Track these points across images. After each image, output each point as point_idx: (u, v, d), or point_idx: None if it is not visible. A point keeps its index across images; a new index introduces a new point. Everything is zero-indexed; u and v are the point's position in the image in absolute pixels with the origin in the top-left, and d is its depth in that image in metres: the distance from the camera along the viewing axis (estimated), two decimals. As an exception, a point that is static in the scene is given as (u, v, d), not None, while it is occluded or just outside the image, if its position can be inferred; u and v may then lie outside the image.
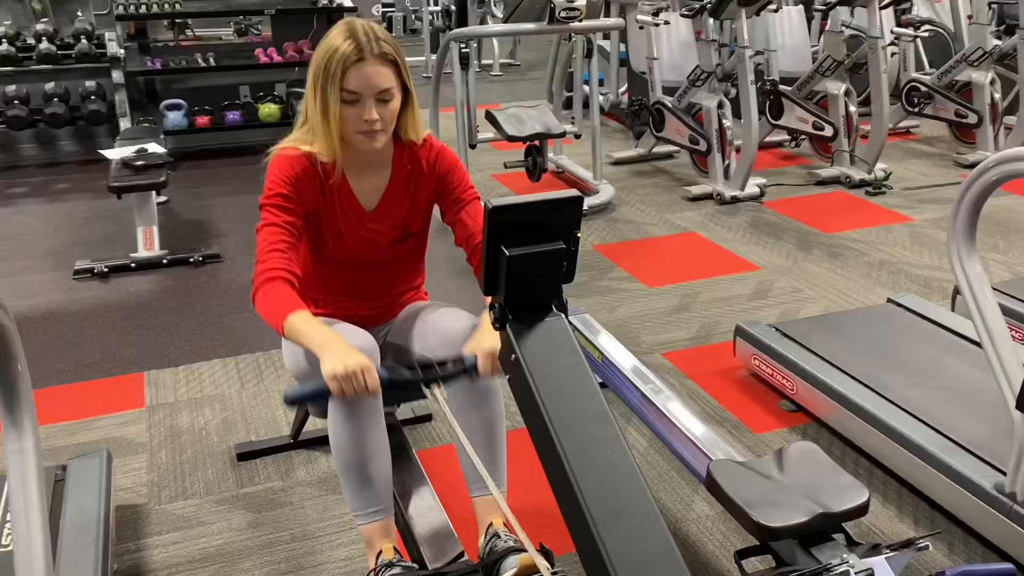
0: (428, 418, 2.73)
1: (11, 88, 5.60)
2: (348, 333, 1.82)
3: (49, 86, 5.67)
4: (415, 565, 1.84)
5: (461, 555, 1.87)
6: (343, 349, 1.65)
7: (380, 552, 1.83)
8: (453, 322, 1.92)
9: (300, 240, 1.88)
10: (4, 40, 5.73)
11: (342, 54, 1.74)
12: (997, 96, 5.49)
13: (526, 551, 1.67)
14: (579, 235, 1.46)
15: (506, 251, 1.39)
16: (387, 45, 1.79)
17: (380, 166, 1.93)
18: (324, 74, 1.77)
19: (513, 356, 1.45)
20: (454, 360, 1.72)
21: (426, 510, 2.05)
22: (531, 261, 1.41)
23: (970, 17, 5.64)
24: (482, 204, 1.46)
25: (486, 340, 1.69)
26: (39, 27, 5.93)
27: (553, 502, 1.41)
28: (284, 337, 1.76)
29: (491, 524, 1.86)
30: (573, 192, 1.43)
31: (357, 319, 2.01)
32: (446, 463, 2.16)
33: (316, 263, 1.99)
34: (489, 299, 1.48)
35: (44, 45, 5.72)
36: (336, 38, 1.77)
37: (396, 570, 1.78)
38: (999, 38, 5.46)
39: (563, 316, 1.50)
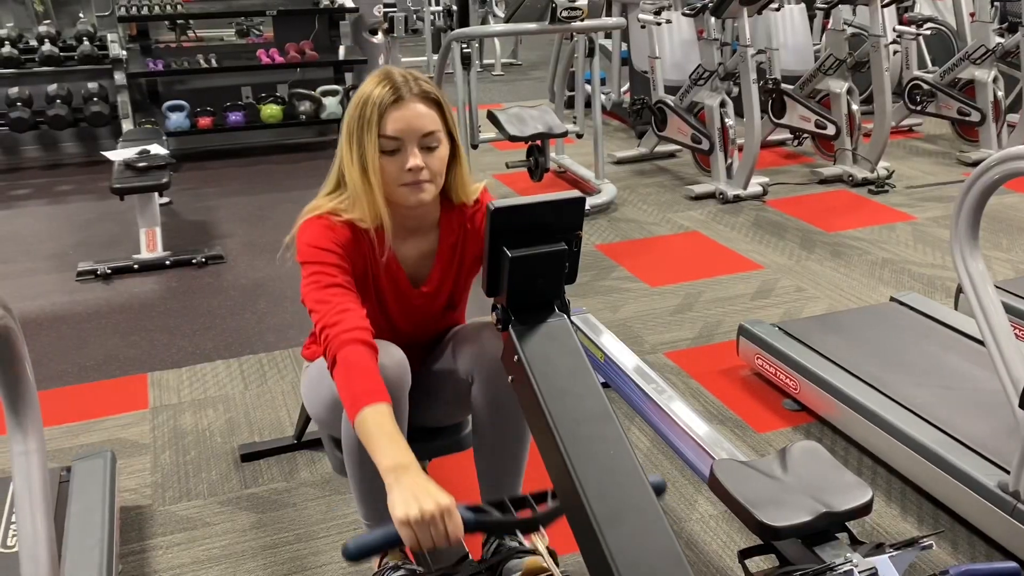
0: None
1: (14, 90, 5.61)
2: (381, 345, 1.64)
3: (51, 88, 5.68)
4: (420, 568, 1.84)
5: (465, 557, 1.87)
6: (418, 483, 1.35)
7: (385, 554, 1.84)
8: (479, 336, 1.77)
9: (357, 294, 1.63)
10: (6, 42, 5.74)
11: (377, 97, 1.58)
12: (1000, 94, 5.48)
13: (531, 553, 1.67)
14: (581, 235, 1.46)
15: (508, 252, 1.39)
16: (427, 85, 1.63)
17: (426, 231, 1.72)
18: (359, 124, 1.58)
19: (516, 357, 1.45)
20: (553, 493, 1.43)
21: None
22: (533, 262, 1.41)
23: (973, 15, 5.63)
24: (486, 205, 1.44)
25: None
26: (41, 29, 5.94)
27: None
28: (355, 429, 1.50)
29: None
30: (575, 193, 1.44)
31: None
32: (452, 465, 2.16)
33: None
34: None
35: (46, 47, 5.72)
36: (369, 85, 1.61)
37: (401, 572, 1.78)
38: (1002, 36, 5.46)
39: (565, 317, 1.50)
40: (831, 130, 5.19)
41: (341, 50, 6.35)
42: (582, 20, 4.56)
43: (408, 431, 1.62)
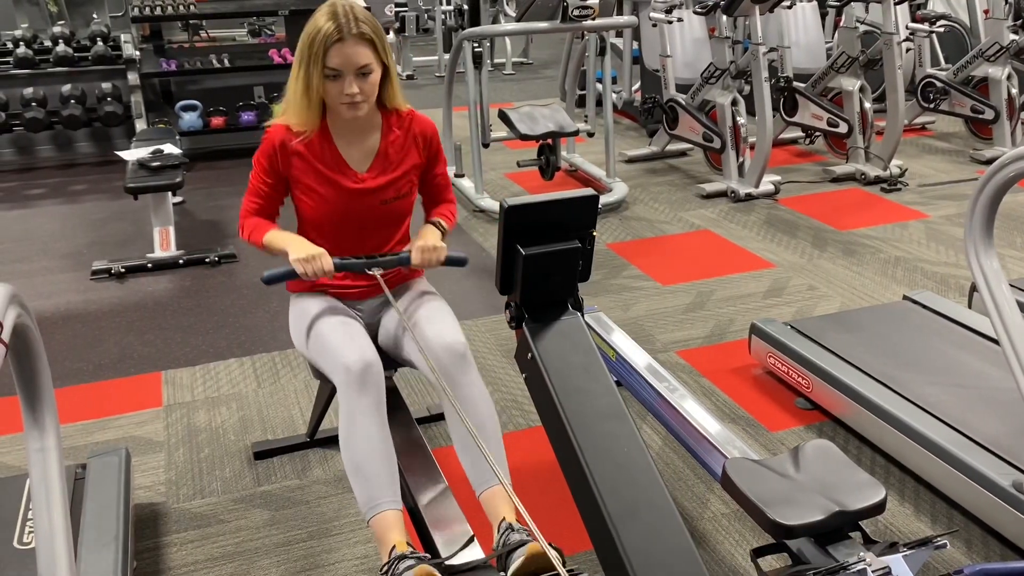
0: (442, 416, 2.73)
1: (28, 90, 5.65)
2: (352, 339, 2.01)
3: (66, 88, 5.72)
4: (427, 555, 1.85)
5: (472, 540, 1.88)
6: (305, 243, 2.02)
7: (393, 547, 1.84)
8: (439, 332, 2.02)
9: (276, 193, 2.14)
10: (21, 43, 5.79)
11: (324, 34, 1.92)
12: (1014, 91, 5.44)
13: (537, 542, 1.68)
14: (595, 233, 1.46)
15: (522, 250, 1.39)
16: (365, 25, 1.95)
17: (370, 131, 2.11)
18: (308, 53, 1.95)
19: (529, 354, 1.45)
20: (392, 253, 2.08)
21: (442, 508, 2.05)
22: (547, 260, 1.42)
23: (986, 11, 5.60)
24: (498, 205, 1.45)
25: (421, 239, 2.07)
26: (56, 30, 5.98)
27: (570, 499, 1.42)
28: (265, 251, 2.09)
29: (503, 519, 1.86)
30: (588, 191, 1.44)
31: (356, 290, 2.19)
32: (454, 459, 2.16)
33: (312, 227, 2.14)
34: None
35: (61, 48, 5.76)
36: (320, 19, 1.95)
37: (409, 561, 1.78)
38: (1016, 33, 5.42)
39: (579, 314, 1.50)
40: (843, 128, 5.17)
41: (353, 50, 6.35)
42: (593, 19, 4.56)
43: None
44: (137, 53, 5.90)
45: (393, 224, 2.19)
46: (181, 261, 4.09)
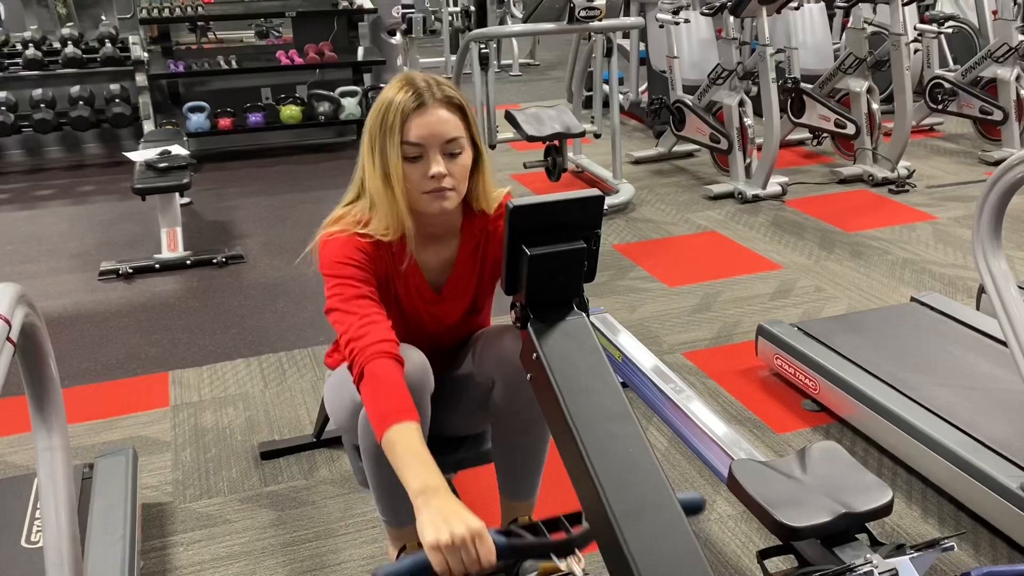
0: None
1: (37, 92, 5.68)
2: (403, 349, 1.62)
3: (74, 89, 5.74)
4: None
5: None
6: (448, 506, 1.31)
7: (403, 547, 1.85)
8: (501, 340, 1.75)
9: (378, 296, 1.64)
10: (30, 44, 5.81)
11: (399, 103, 1.55)
12: (1023, 92, 5.42)
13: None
14: (600, 234, 1.46)
15: (527, 251, 1.39)
16: (450, 90, 1.60)
17: (448, 238, 1.71)
18: (381, 130, 1.56)
19: (535, 355, 1.45)
20: (582, 531, 1.39)
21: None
22: (552, 260, 1.42)
23: (995, 12, 5.58)
24: (505, 203, 1.45)
25: None
26: (64, 31, 6.01)
27: (576, 500, 1.42)
28: (380, 440, 1.47)
29: (515, 520, 1.86)
30: (594, 191, 1.44)
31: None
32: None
33: None
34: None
35: (69, 49, 5.79)
36: (391, 90, 1.59)
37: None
38: (1024, 33, 5.40)
39: (584, 315, 1.50)
40: (851, 129, 5.15)
41: (360, 51, 6.38)
42: (600, 20, 4.56)
43: (429, 440, 1.58)
44: (145, 55, 5.93)
45: (475, 324, 1.89)
46: (188, 262, 4.10)
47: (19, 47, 5.83)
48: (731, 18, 4.92)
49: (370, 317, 1.56)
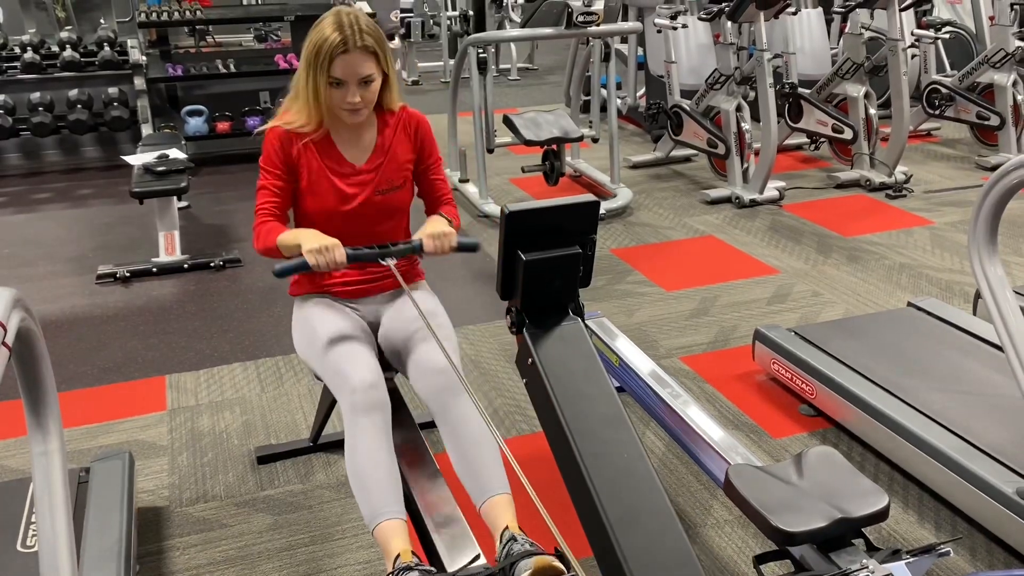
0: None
1: (36, 95, 5.68)
2: (357, 358, 2.03)
3: (72, 93, 5.75)
4: (432, 568, 1.85)
5: (477, 557, 1.88)
6: (318, 234, 2.03)
7: (398, 556, 1.84)
8: (430, 357, 2.04)
9: (289, 187, 2.17)
10: (29, 48, 5.82)
11: (330, 44, 1.99)
12: (1020, 98, 5.44)
13: (542, 554, 1.68)
14: (595, 239, 1.47)
15: (523, 256, 1.40)
16: (369, 37, 2.02)
17: (366, 128, 2.20)
18: (315, 61, 2.02)
19: (530, 359, 1.46)
20: (404, 242, 2.10)
21: (443, 512, 2.04)
22: (548, 265, 1.42)
23: (992, 18, 5.59)
24: (500, 208, 1.46)
25: (430, 227, 2.11)
26: (63, 35, 6.02)
27: (570, 505, 1.42)
28: (281, 255, 2.08)
29: (506, 528, 1.86)
30: (589, 197, 1.44)
31: (356, 285, 2.23)
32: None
33: (314, 224, 2.15)
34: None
35: (68, 53, 5.79)
36: (326, 28, 2.01)
37: (414, 574, 1.78)
38: (1022, 39, 5.41)
39: (580, 320, 1.50)
40: (848, 134, 5.16)
41: (358, 55, 6.37)
42: (598, 25, 4.57)
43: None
44: (143, 58, 5.93)
45: (392, 216, 2.24)
46: (186, 265, 4.10)
47: (17, 50, 5.83)
48: (729, 23, 4.93)
49: (266, 201, 2.16)
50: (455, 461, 1.98)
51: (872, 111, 5.20)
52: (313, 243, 1.99)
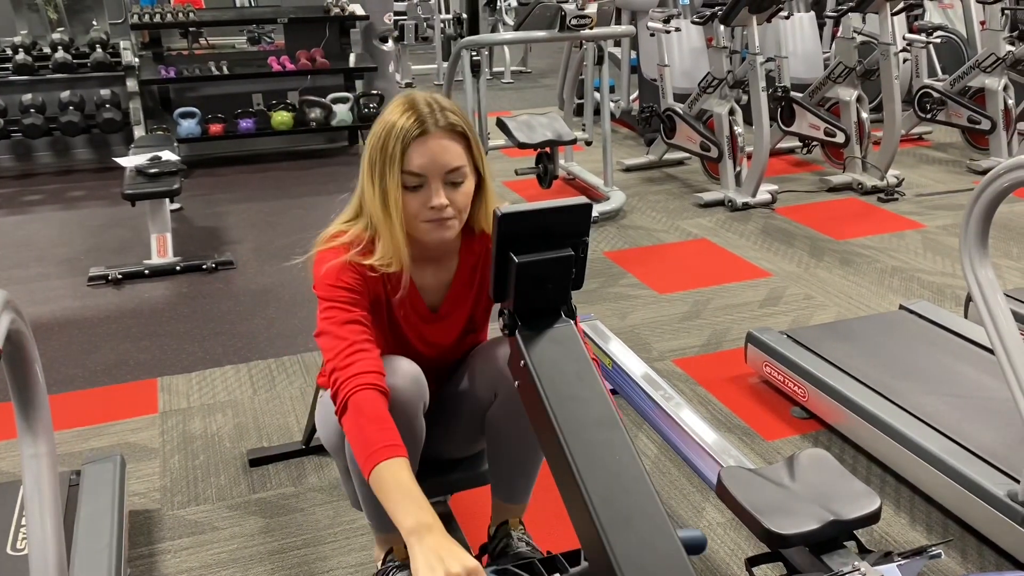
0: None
1: (27, 97, 5.66)
2: (394, 362, 1.63)
3: (64, 95, 5.73)
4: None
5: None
6: (442, 544, 1.30)
7: (390, 550, 1.84)
8: (497, 352, 1.72)
9: (371, 320, 1.61)
10: (20, 49, 5.80)
11: (401, 129, 1.50)
12: (1010, 102, 5.46)
13: (538, 555, 1.68)
14: (588, 241, 1.47)
15: (515, 258, 1.39)
16: (454, 116, 1.55)
17: (446, 259, 1.69)
18: (381, 157, 1.52)
19: (522, 362, 1.45)
20: (584, 555, 1.40)
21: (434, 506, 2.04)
22: (540, 268, 1.42)
23: (983, 22, 5.62)
24: (493, 211, 1.45)
25: None
26: (55, 36, 6.00)
27: (563, 508, 1.42)
28: (368, 479, 1.43)
29: (505, 522, 1.86)
30: (582, 199, 1.44)
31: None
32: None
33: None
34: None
35: (60, 54, 5.77)
36: (393, 113, 1.54)
37: (405, 572, 1.78)
38: (1012, 44, 5.44)
39: (572, 322, 1.50)
40: (840, 138, 5.18)
41: (352, 57, 6.38)
42: (591, 28, 4.57)
43: (427, 462, 1.59)
44: (136, 60, 5.92)
45: (472, 342, 1.86)
46: (178, 268, 4.09)
47: (9, 52, 5.81)
48: (721, 27, 4.94)
49: (358, 344, 1.52)
50: (492, 456, 1.80)
51: (864, 115, 5.21)
52: (436, 569, 1.26)
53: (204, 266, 4.11)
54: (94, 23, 6.42)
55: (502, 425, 1.77)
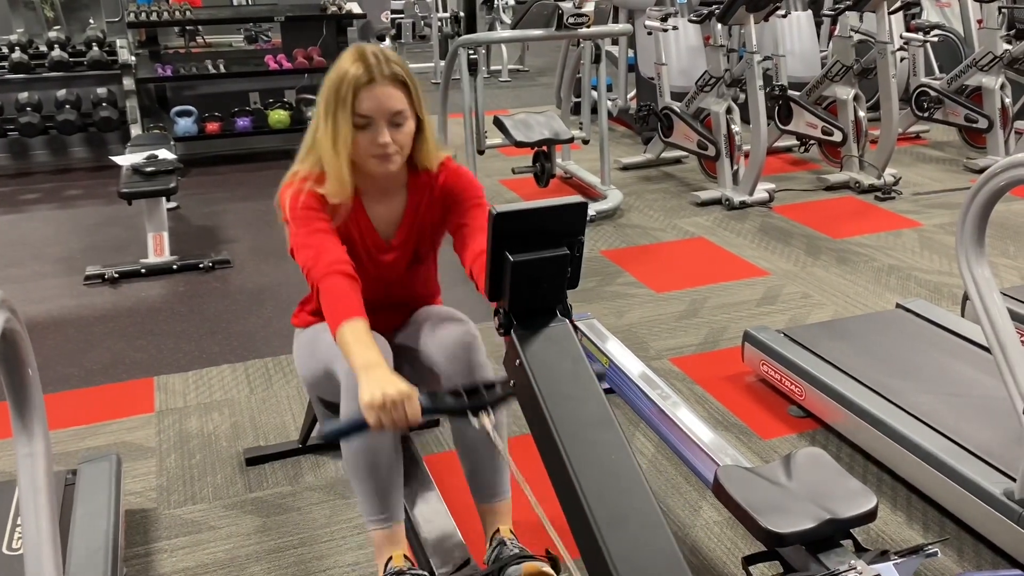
0: (436, 423, 2.73)
1: (23, 95, 5.65)
2: None
3: (61, 93, 5.72)
4: (424, 573, 1.84)
5: (468, 562, 1.88)
6: (384, 376, 1.56)
7: (390, 559, 1.84)
8: (449, 331, 1.90)
9: (336, 234, 1.84)
10: (17, 47, 5.78)
11: (352, 78, 1.73)
12: (1007, 101, 5.46)
13: (532, 558, 1.68)
14: (583, 240, 1.47)
15: (511, 257, 1.39)
16: (398, 67, 1.78)
17: (395, 193, 1.91)
18: (335, 99, 1.75)
19: (517, 361, 1.45)
20: (502, 382, 1.59)
21: (433, 516, 2.05)
22: (535, 267, 1.42)
23: (980, 21, 5.62)
24: (488, 210, 1.46)
25: None
26: (51, 34, 5.98)
27: (558, 508, 1.42)
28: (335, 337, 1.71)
29: (497, 531, 1.86)
30: (577, 198, 1.44)
31: (376, 328, 1.91)
32: (454, 468, 2.16)
33: None
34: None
35: (56, 52, 5.76)
36: (346, 62, 1.77)
37: (406, 576, 1.79)
38: (1009, 42, 5.44)
39: (567, 321, 1.50)
40: (838, 136, 5.18)
41: (348, 56, 6.36)
42: (588, 27, 4.57)
43: None
44: (133, 58, 5.90)
45: (422, 281, 2.09)
46: (175, 267, 4.09)
47: (5, 50, 5.80)
48: (719, 25, 4.94)
49: (324, 245, 1.77)
50: (463, 455, 1.93)
51: (861, 113, 5.21)
52: (375, 392, 1.51)
53: (201, 265, 4.10)
54: (90, 21, 6.40)
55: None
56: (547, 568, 1.54)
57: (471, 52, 4.60)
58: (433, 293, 2.20)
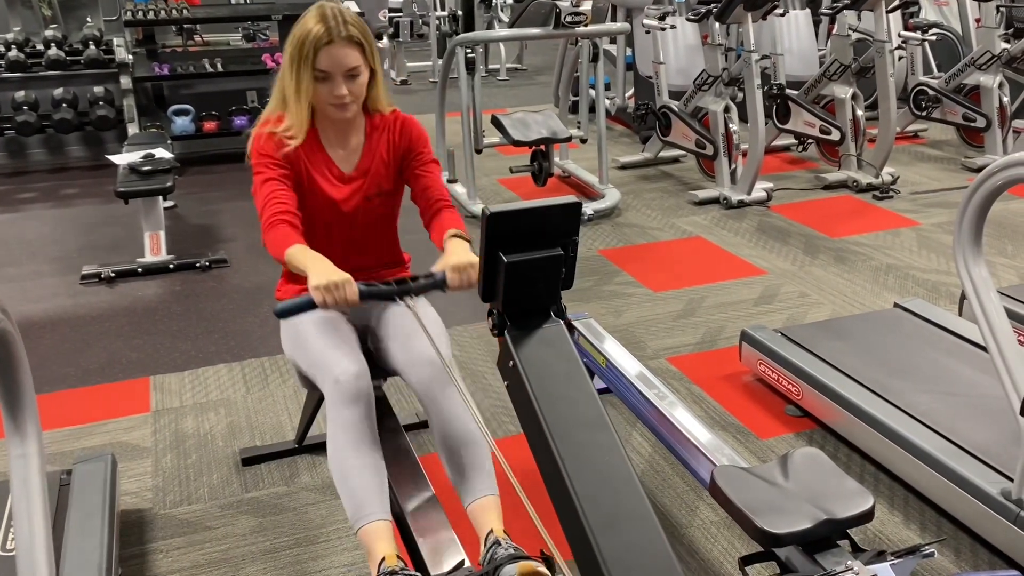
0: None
1: (20, 94, 5.64)
2: (342, 347, 2.00)
3: (58, 92, 5.70)
4: (417, 573, 1.83)
5: (462, 563, 1.87)
6: (327, 266, 1.85)
7: (383, 560, 1.83)
8: (422, 349, 2.01)
9: (292, 183, 2.08)
10: (13, 46, 5.77)
11: (314, 36, 1.97)
12: (1005, 100, 5.46)
13: (526, 558, 1.67)
14: (577, 241, 1.46)
15: (504, 258, 1.39)
16: (354, 28, 2.00)
17: (353, 133, 2.15)
18: (298, 55, 2.00)
19: (511, 362, 1.45)
20: (425, 276, 1.89)
21: (428, 516, 2.03)
22: (529, 267, 1.41)
23: (978, 20, 5.62)
24: (481, 210, 1.45)
25: (454, 257, 1.91)
26: (48, 33, 5.97)
27: (551, 509, 1.41)
28: (286, 266, 2.00)
29: (490, 532, 1.85)
30: (571, 198, 1.44)
31: None
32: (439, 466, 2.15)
33: (307, 227, 2.10)
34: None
35: (53, 51, 5.75)
36: (309, 21, 2.00)
37: (400, 576, 1.78)
38: (1007, 41, 5.44)
39: (561, 322, 1.50)
40: (836, 135, 5.18)
41: (346, 55, 6.35)
42: (586, 25, 4.56)
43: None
44: (130, 57, 5.89)
45: (382, 224, 2.22)
46: (171, 266, 4.08)
47: (2, 48, 5.79)
48: (717, 24, 4.94)
49: (273, 195, 2.03)
50: (444, 459, 1.97)
51: (859, 112, 5.21)
52: (321, 278, 1.80)
53: (198, 264, 4.10)
54: (88, 20, 6.39)
55: (433, 419, 1.97)
56: (542, 568, 1.53)
57: (469, 51, 4.59)
58: (398, 261, 2.31)
